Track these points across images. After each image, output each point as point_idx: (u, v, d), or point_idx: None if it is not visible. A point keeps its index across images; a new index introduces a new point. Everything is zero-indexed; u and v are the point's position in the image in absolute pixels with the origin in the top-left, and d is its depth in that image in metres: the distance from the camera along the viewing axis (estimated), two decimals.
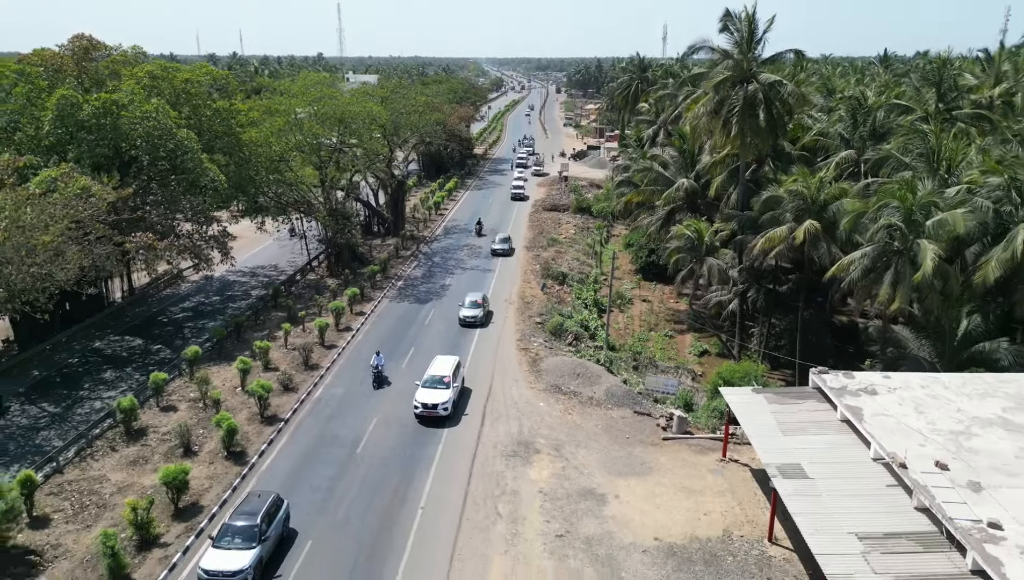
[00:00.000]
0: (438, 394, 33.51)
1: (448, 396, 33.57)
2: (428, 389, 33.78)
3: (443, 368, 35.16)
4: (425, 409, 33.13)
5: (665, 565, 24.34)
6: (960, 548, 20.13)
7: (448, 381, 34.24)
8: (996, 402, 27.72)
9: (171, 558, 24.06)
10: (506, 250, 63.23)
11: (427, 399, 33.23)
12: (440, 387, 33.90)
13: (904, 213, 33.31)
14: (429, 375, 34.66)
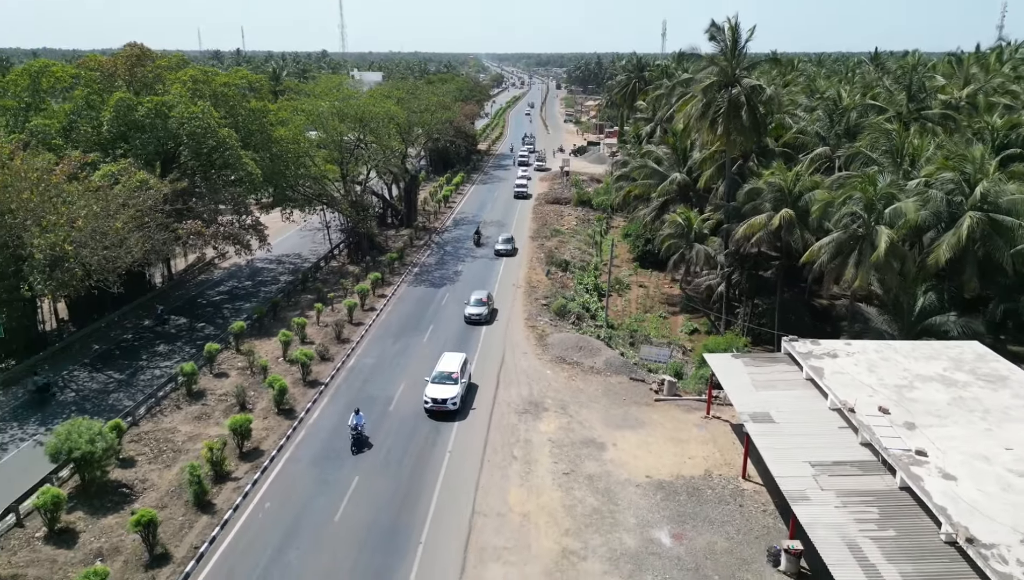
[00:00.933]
0: (447, 389, 35.00)
1: (457, 391, 35.04)
2: (437, 385, 35.29)
3: (451, 365, 36.64)
4: (435, 404, 34.63)
5: (654, 496, 29.12)
6: (892, 471, 24.86)
7: (456, 377, 35.73)
8: (938, 363, 32.48)
9: (243, 488, 28.87)
10: (509, 250, 64.24)
11: (437, 394, 34.75)
12: (449, 383, 35.40)
13: (866, 203, 38.06)
14: (438, 371, 36.13)
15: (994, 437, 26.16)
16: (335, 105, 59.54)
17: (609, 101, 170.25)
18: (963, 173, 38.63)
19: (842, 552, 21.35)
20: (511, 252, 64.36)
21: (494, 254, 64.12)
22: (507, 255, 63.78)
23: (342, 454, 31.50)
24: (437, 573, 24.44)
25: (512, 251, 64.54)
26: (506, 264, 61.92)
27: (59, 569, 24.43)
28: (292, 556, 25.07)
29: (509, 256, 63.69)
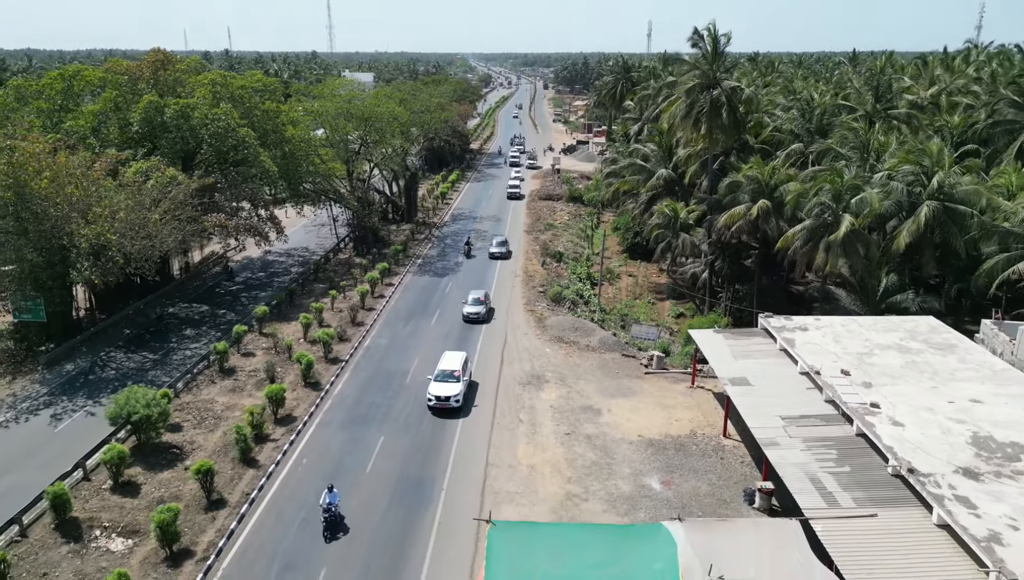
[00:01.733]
0: (449, 387, 35.93)
1: (459, 389, 35.96)
2: (440, 383, 36.20)
3: (453, 363, 37.59)
4: (438, 401, 35.53)
5: (645, 451, 32.99)
6: (850, 421, 28.85)
7: (458, 375, 36.69)
8: (896, 334, 36.58)
9: (281, 447, 32.52)
10: (504, 253, 63.91)
11: (440, 392, 35.67)
12: (451, 381, 36.34)
13: (834, 194, 42.15)
14: (440, 370, 37.02)
15: (939, 393, 30.23)
16: (342, 106, 63.13)
17: (597, 101, 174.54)
18: (922, 166, 42.81)
19: (805, 483, 25.29)
20: (505, 255, 64.06)
21: (488, 258, 63.72)
22: (501, 258, 63.55)
23: (367, 419, 35.21)
24: (458, 513, 28.18)
25: (507, 254, 64.31)
26: None
27: (127, 513, 27.97)
28: (344, 480, 28.73)
29: (503, 259, 63.44)
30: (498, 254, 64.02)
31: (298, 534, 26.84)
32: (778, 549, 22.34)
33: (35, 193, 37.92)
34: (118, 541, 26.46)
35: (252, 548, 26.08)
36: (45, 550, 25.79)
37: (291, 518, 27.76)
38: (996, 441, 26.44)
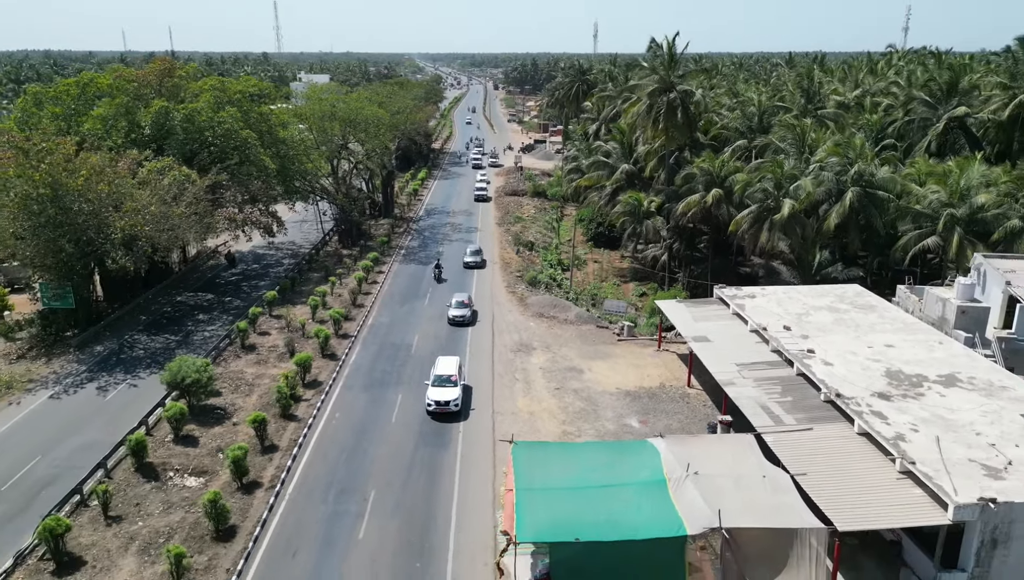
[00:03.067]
0: (448, 392, 36.84)
1: (457, 393, 36.93)
2: (438, 387, 37.07)
3: (449, 368, 38.46)
4: (438, 406, 36.39)
5: (624, 399, 39.12)
6: (791, 364, 35.43)
7: (455, 379, 37.60)
8: (827, 299, 43.54)
9: (314, 405, 37.65)
10: (478, 262, 62.93)
11: (439, 397, 36.56)
12: (448, 385, 37.20)
13: (775, 182, 49.08)
14: (436, 375, 37.85)
15: (861, 341, 37.12)
16: (326, 108, 67.84)
17: (551, 101, 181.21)
18: (847, 158, 50.09)
19: (757, 409, 31.69)
20: (480, 264, 63.05)
21: (463, 266, 62.69)
22: (476, 268, 62.53)
23: (384, 383, 40.54)
24: (476, 449, 33.83)
25: (481, 264, 63.18)
26: (483, 243, 71.21)
27: (193, 459, 32.80)
28: (367, 444, 34.09)
29: (478, 268, 62.48)
30: (472, 264, 62.65)
31: (345, 467, 32.12)
32: (738, 454, 28.70)
33: (70, 190, 42.01)
34: (191, 479, 31.33)
35: (308, 479, 31.28)
36: (131, 487, 30.50)
37: (335, 458, 33.02)
38: (904, 374, 33.33)
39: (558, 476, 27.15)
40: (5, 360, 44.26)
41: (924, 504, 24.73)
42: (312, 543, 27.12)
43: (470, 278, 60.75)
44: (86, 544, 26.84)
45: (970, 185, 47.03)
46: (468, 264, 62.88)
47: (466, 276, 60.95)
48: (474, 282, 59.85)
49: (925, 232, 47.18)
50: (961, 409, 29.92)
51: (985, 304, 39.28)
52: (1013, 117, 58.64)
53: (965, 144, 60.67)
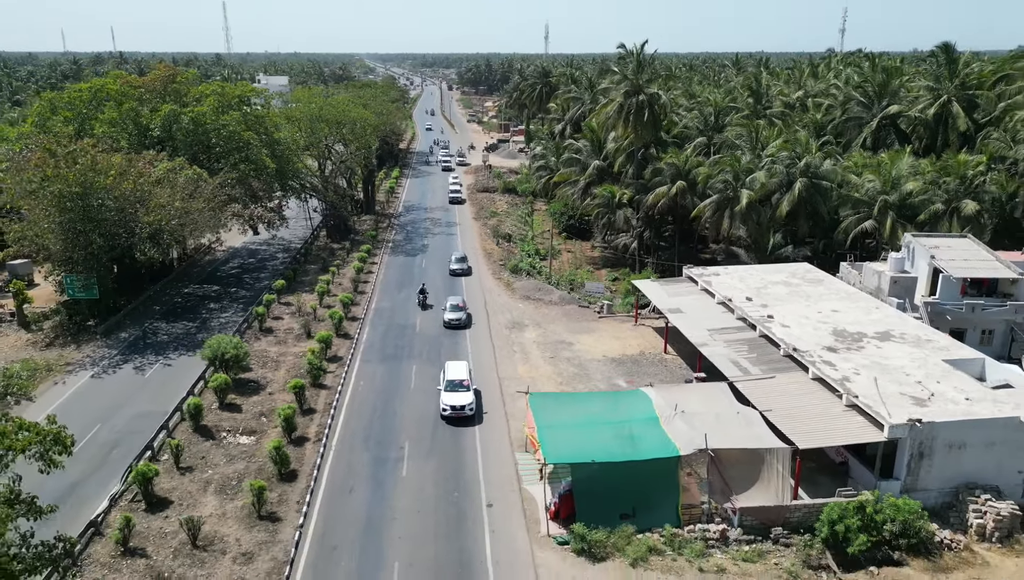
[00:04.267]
0: (462, 396, 37.37)
1: (471, 398, 37.52)
2: (451, 392, 37.53)
3: (460, 372, 39.00)
4: (453, 410, 36.83)
5: (610, 364, 44.68)
6: (754, 328, 41.48)
7: (467, 384, 38.21)
8: (782, 275, 49.92)
9: (339, 376, 42.24)
10: (464, 270, 62.71)
11: (454, 402, 37.05)
12: (461, 390, 37.72)
13: (733, 174, 55.33)
14: (448, 380, 38.26)
15: (811, 307, 43.43)
16: (315, 110, 71.93)
17: (511, 102, 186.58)
18: (795, 152, 56.66)
19: (728, 363, 37.57)
20: (467, 271, 62.87)
21: (449, 274, 62.66)
22: (463, 275, 62.43)
23: (397, 356, 45.34)
24: (489, 406, 38.90)
25: (467, 270, 63.06)
26: (461, 238, 76.25)
27: (240, 422, 37.16)
28: (392, 403, 38.90)
29: (465, 276, 62.40)
30: (459, 271, 62.47)
31: (379, 423, 36.93)
32: (715, 398, 34.54)
33: (99, 189, 45.63)
34: (242, 438, 35.73)
35: (348, 434, 36.01)
36: (193, 445, 34.76)
37: (368, 416, 37.82)
38: (847, 332, 39.65)
39: (570, 417, 32.59)
40: (35, 347, 47.56)
41: (866, 427, 30.86)
42: (363, 482, 31.93)
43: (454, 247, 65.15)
44: (168, 488, 31.14)
45: (900, 175, 54.00)
46: (454, 271, 62.53)
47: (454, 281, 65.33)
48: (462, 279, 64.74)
49: (863, 216, 53.98)
50: (894, 357, 36.31)
51: (913, 274, 46.08)
52: (937, 115, 66.26)
53: (896, 139, 68.14)
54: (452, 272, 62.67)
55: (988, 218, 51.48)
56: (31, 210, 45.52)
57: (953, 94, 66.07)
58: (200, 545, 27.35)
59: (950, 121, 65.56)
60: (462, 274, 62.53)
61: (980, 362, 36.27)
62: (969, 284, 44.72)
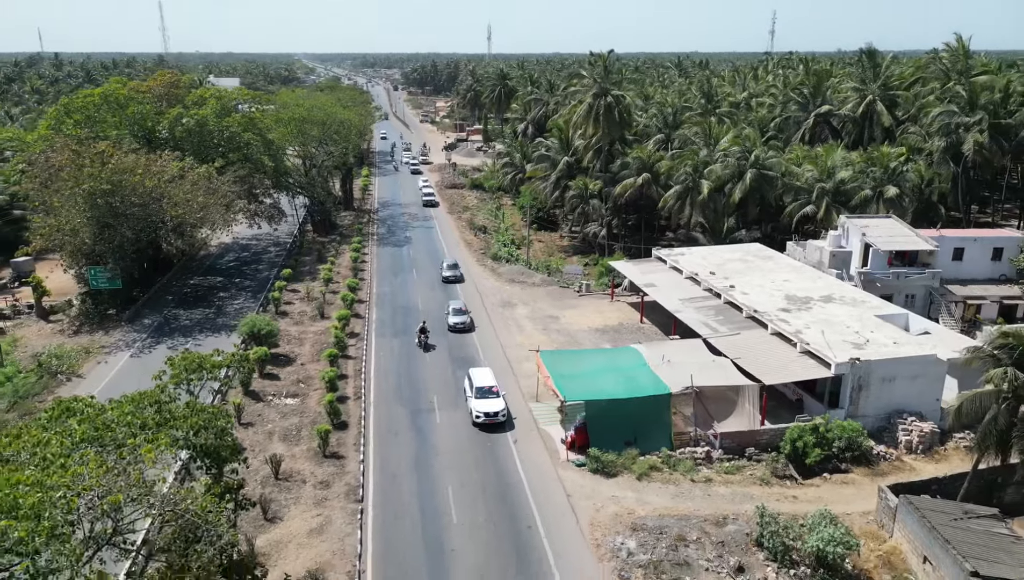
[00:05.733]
0: (494, 403, 37.64)
1: (503, 404, 37.72)
2: (481, 399, 37.74)
3: (487, 378, 39.46)
4: (487, 417, 37.06)
5: (595, 333, 51.14)
6: (719, 297, 48.55)
7: (496, 390, 38.52)
8: (737, 254, 57.31)
9: (360, 348, 47.57)
10: (458, 277, 62.56)
11: (487, 409, 37.23)
12: (491, 396, 38.00)
13: (693, 167, 62.57)
14: (477, 387, 38.50)
15: (765, 278, 50.77)
16: (306, 113, 76.46)
17: (464, 103, 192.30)
18: (745, 147, 64.27)
19: (700, 325, 44.45)
20: (460, 278, 62.70)
21: (442, 281, 62.34)
22: (456, 281, 62.08)
23: (408, 332, 50.82)
24: (498, 367, 44.82)
25: (460, 278, 62.84)
26: (440, 230, 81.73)
27: (282, 387, 42.21)
28: (414, 369, 44.51)
29: (457, 282, 62.13)
30: (452, 278, 62.18)
31: (406, 383, 42.53)
32: (693, 350, 41.30)
33: (126, 186, 49.75)
34: (288, 400, 40.83)
35: (382, 392, 41.54)
36: (246, 406, 39.68)
37: (396, 378, 43.44)
38: (797, 297, 47.01)
39: (577, 368, 38.94)
40: (63, 335, 51.29)
41: (816, 367, 38.04)
42: (405, 428, 37.55)
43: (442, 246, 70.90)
44: (238, 438, 36.09)
45: (834, 166, 62.13)
46: (448, 278, 62.05)
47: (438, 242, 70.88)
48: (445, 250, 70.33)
49: (804, 202, 61.87)
50: (836, 315, 43.77)
51: (848, 249, 53.98)
52: (864, 113, 75.06)
53: (829, 135, 76.81)
54: (445, 279, 61.91)
55: (909, 201, 59.94)
56: (61, 206, 49.24)
57: (877, 94, 74.96)
58: (282, 478, 32.58)
59: (875, 118, 74.46)
60: (455, 281, 61.90)
61: (905, 316, 44.11)
62: (894, 256, 52.88)
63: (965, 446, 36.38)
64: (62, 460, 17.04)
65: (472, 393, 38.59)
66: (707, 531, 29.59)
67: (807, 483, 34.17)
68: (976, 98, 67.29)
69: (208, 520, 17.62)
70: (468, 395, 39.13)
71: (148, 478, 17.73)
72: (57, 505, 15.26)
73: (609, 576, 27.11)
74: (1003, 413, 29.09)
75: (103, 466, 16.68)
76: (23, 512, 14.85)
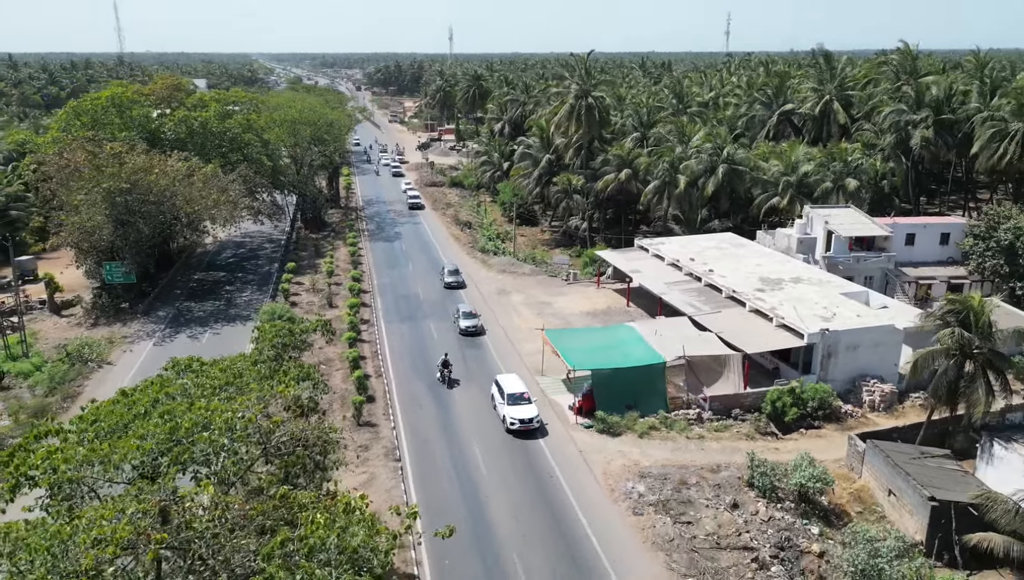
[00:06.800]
0: (528, 410, 37.94)
1: (536, 411, 38.20)
2: (515, 406, 37.95)
3: (517, 385, 39.60)
4: (522, 424, 37.36)
5: (586, 316, 55.47)
6: (699, 280, 53.32)
7: (528, 396, 38.85)
8: (713, 242, 62.27)
9: (373, 334, 51.17)
10: (460, 282, 62.61)
11: (522, 415, 37.53)
12: (524, 403, 38.29)
13: (670, 162, 67.43)
14: (509, 394, 38.52)
15: (741, 264, 55.70)
16: (298, 114, 79.42)
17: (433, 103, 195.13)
18: (716, 143, 69.36)
19: (685, 305, 49.10)
20: (461, 284, 62.73)
21: (444, 287, 62.13)
22: (458, 288, 62.15)
23: (414, 317, 54.68)
24: (502, 345, 48.89)
25: (462, 284, 62.81)
26: (427, 225, 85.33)
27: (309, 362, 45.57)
28: (426, 350, 48.31)
29: (460, 288, 62.15)
30: (454, 284, 62.14)
31: (421, 362, 46.33)
32: (680, 327, 45.90)
33: (143, 184, 52.54)
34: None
35: (400, 370, 45.29)
36: None
37: (411, 358, 47.26)
38: (770, 278, 52.00)
39: (580, 342, 43.29)
40: (81, 328, 53.80)
41: (791, 337, 42.92)
42: (427, 400, 41.41)
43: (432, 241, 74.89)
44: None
45: (798, 160, 67.55)
46: (450, 284, 62.09)
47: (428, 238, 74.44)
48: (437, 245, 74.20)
49: (771, 194, 67.17)
50: (806, 293, 48.80)
51: (813, 236, 59.33)
52: (822, 112, 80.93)
53: (791, 132, 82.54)
54: (447, 285, 61.86)
55: (865, 192, 65.65)
56: (82, 204, 51.78)
57: (833, 94, 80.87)
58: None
59: (832, 116, 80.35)
60: (458, 287, 62.01)
61: (865, 293, 49.41)
62: (854, 242, 58.37)
63: (920, 404, 41.61)
64: (204, 401, 20.71)
65: (503, 400, 38.50)
66: (704, 477, 34.09)
67: (786, 438, 38.97)
68: (923, 97, 73.47)
69: (327, 440, 21.69)
70: (498, 402, 39.31)
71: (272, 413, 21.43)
72: (235, 427, 19.00)
73: (624, 512, 31.44)
74: (951, 368, 34.21)
75: (246, 404, 20.41)
76: (215, 427, 18.56)
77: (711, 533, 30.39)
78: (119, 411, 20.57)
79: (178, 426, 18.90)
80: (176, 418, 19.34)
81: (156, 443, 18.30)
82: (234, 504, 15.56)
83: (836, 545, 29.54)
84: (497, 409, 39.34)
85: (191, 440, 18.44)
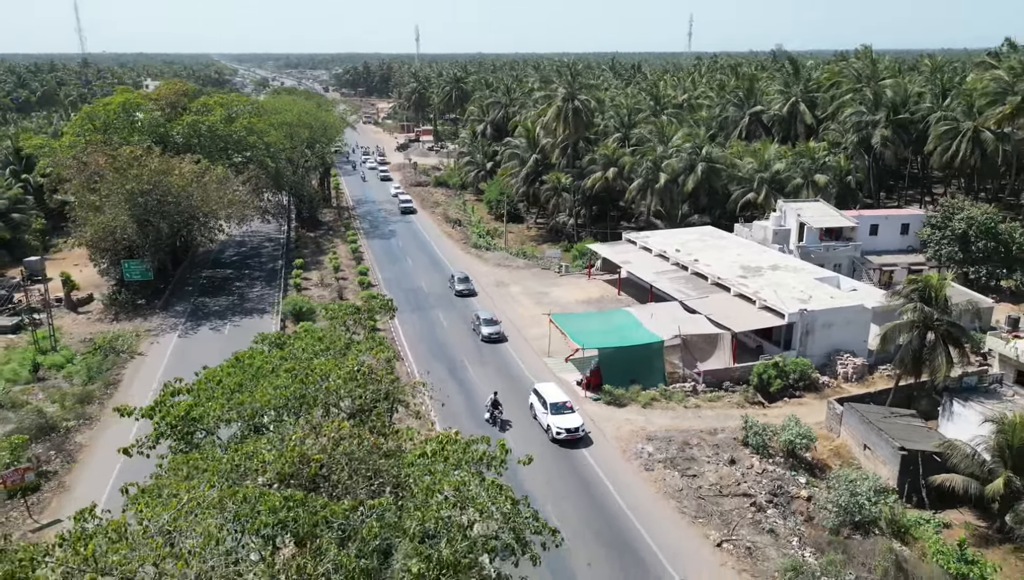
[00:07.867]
0: (572, 419, 38.02)
1: (581, 419, 38.26)
2: (558, 415, 38.03)
3: (559, 394, 39.71)
4: (568, 433, 37.38)
5: (581, 305, 59.71)
6: (686, 269, 57.92)
7: (571, 406, 38.99)
8: (695, 235, 67.01)
9: (387, 322, 54.71)
10: (471, 290, 62.59)
11: (567, 425, 37.58)
12: (567, 412, 38.42)
13: (652, 161, 72.10)
14: (552, 403, 38.55)
15: (723, 253, 60.45)
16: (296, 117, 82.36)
17: (408, 104, 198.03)
18: (695, 143, 74.23)
19: (675, 291, 53.63)
20: (473, 292, 62.73)
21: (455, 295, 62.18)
22: (469, 295, 62.18)
23: (423, 307, 58.45)
24: (510, 332, 52.81)
25: (473, 291, 62.76)
26: (420, 224, 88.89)
27: None
28: (439, 337, 52.02)
29: (471, 296, 62.24)
30: (465, 291, 62.28)
31: (437, 346, 50.10)
32: (672, 311, 50.37)
33: (162, 185, 55.41)
34: None
35: (419, 354, 49.02)
36: None
37: (427, 343, 51.06)
38: (751, 266, 56.82)
39: (586, 325, 47.50)
40: (102, 323, 56.44)
41: (772, 317, 47.68)
42: (447, 380, 45.22)
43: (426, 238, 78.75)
44: None
45: (770, 158, 72.74)
46: (460, 292, 62.23)
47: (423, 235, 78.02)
48: (432, 243, 77.84)
49: (746, 189, 72.25)
50: (784, 279, 53.69)
51: (787, 228, 64.44)
52: (790, 112, 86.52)
53: (761, 132, 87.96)
54: (459, 293, 62.00)
55: (832, 187, 71.07)
56: (105, 205, 54.44)
57: (799, 96, 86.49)
58: None
59: (799, 117, 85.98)
60: (469, 294, 62.16)
61: (836, 278, 54.49)
62: (824, 233, 63.61)
63: (888, 374, 46.63)
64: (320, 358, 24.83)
65: (546, 410, 38.58)
66: (704, 438, 38.53)
67: (772, 406, 43.62)
68: (881, 99, 79.28)
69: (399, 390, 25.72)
70: (539, 411, 39.52)
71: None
72: (355, 376, 22.98)
73: (637, 469, 35.72)
74: (915, 338, 39.10)
75: (353, 361, 24.42)
76: (337, 377, 22.39)
77: (714, 483, 34.80)
78: (238, 373, 24.17)
79: (308, 376, 22.66)
80: (305, 372, 23.18)
81: (291, 392, 21.99)
82: (365, 435, 19.27)
83: (822, 490, 34.16)
84: (539, 418, 39.56)
85: (322, 387, 22.21)
